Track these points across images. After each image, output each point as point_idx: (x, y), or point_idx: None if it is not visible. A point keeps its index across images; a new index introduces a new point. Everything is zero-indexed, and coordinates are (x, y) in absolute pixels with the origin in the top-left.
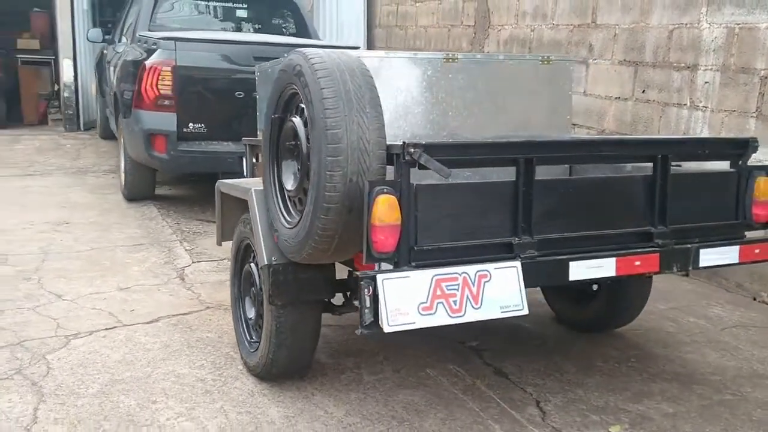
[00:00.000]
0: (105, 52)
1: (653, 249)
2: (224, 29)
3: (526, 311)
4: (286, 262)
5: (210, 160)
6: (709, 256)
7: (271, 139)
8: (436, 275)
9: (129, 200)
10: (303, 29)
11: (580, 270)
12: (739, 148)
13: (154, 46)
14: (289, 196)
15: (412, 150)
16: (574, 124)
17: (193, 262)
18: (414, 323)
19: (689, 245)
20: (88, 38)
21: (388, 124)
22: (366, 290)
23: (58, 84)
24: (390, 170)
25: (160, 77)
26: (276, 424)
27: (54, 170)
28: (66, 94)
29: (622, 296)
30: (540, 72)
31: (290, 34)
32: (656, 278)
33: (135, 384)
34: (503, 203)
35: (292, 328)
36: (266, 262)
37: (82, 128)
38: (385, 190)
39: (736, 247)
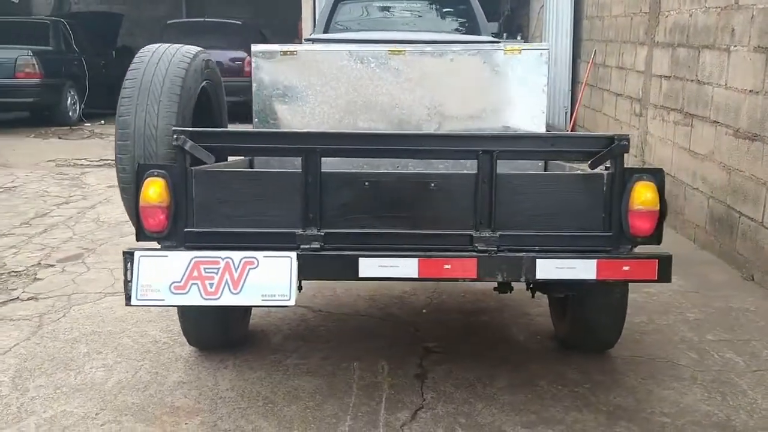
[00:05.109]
0: None
1: (470, 254)
2: (395, 30)
3: (292, 302)
4: None
5: None
6: (549, 268)
7: None
8: (196, 257)
9: None
10: (474, 25)
11: (372, 268)
12: (598, 147)
13: None
14: None
15: (176, 136)
16: (715, 122)
17: None
18: (163, 300)
19: (521, 254)
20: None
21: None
22: (127, 265)
23: None
24: None
25: None
26: (163, 386)
27: None
28: None
29: (583, 311)
30: (506, 63)
31: (463, 31)
32: (749, 302)
33: (104, 336)
34: (289, 194)
35: None
36: None
37: None
38: (155, 173)
39: (593, 261)
